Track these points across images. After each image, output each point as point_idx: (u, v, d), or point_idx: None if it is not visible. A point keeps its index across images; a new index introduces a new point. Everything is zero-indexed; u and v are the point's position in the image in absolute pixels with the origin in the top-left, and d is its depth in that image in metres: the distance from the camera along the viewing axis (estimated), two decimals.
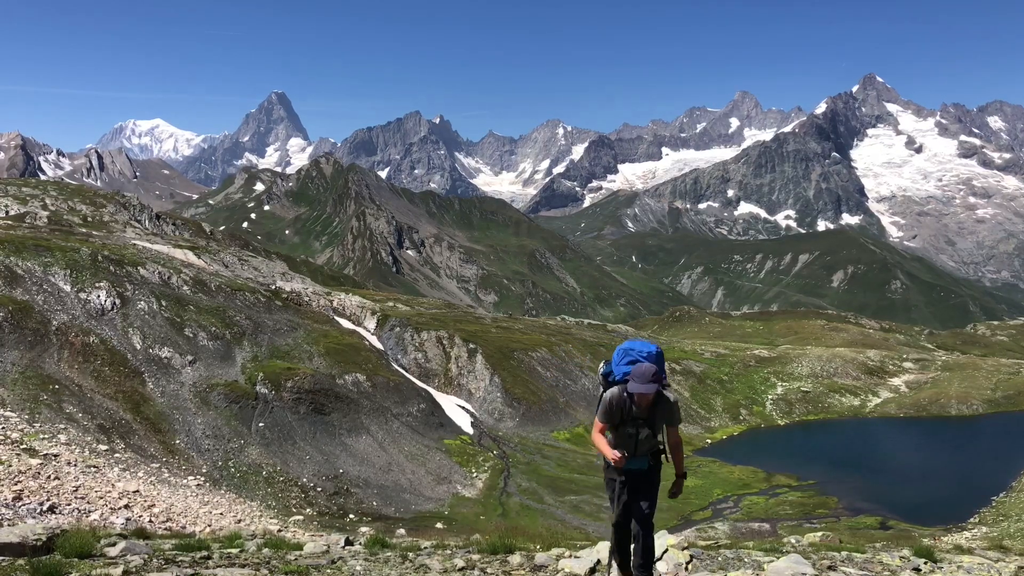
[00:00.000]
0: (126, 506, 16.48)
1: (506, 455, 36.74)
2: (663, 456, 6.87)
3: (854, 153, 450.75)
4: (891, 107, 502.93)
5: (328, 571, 6.75)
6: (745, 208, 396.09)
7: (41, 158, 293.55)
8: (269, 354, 35.87)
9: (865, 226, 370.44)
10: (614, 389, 6.65)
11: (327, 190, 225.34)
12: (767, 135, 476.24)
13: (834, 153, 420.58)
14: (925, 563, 8.18)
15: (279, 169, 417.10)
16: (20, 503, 14.18)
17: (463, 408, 42.85)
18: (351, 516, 25.99)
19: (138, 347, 31.02)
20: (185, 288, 38.34)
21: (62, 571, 5.80)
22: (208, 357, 32.98)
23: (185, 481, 23.04)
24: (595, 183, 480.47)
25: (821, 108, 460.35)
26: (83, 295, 32.17)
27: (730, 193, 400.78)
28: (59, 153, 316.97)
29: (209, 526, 17.20)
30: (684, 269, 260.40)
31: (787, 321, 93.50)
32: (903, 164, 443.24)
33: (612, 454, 6.51)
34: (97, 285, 33.01)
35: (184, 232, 71.44)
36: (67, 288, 32.24)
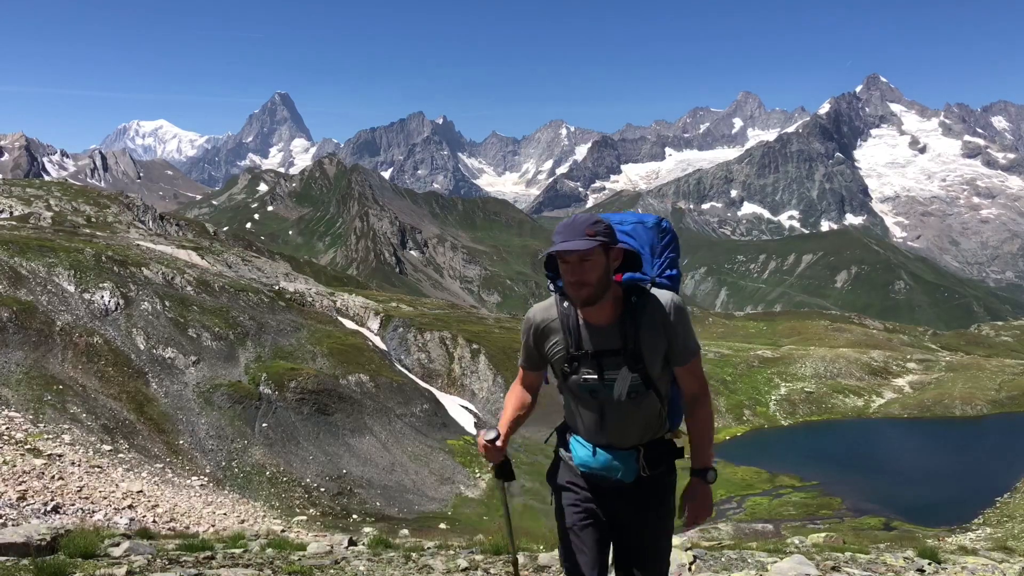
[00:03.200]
0: (130, 506, 16.51)
1: (509, 456, 36.71)
2: (674, 450, 3.31)
3: (858, 153, 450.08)
4: (895, 107, 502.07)
5: (331, 571, 6.76)
6: (748, 208, 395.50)
7: (45, 159, 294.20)
8: (272, 354, 35.90)
9: (869, 226, 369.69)
10: (548, 299, 3.32)
11: (330, 191, 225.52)
12: (770, 135, 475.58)
13: (837, 153, 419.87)
14: (929, 564, 8.17)
15: (282, 170, 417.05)
16: (24, 503, 14.22)
17: (466, 408, 42.87)
18: (354, 516, 26.01)
19: (142, 348, 31.07)
20: (189, 289, 38.40)
21: (66, 571, 5.82)
22: (211, 357, 33.02)
23: (189, 481, 23.08)
24: (598, 183, 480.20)
25: (824, 108, 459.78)
26: (87, 296, 32.24)
27: (733, 193, 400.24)
28: (63, 154, 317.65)
29: (213, 526, 17.22)
30: (687, 269, 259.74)
31: (791, 321, 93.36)
32: (907, 164, 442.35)
33: (480, 440, 3.41)
34: (101, 286, 33.07)
35: (188, 233, 71.54)
36: (71, 289, 32.30)
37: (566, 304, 3.12)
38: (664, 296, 3.06)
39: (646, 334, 3.04)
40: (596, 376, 3.10)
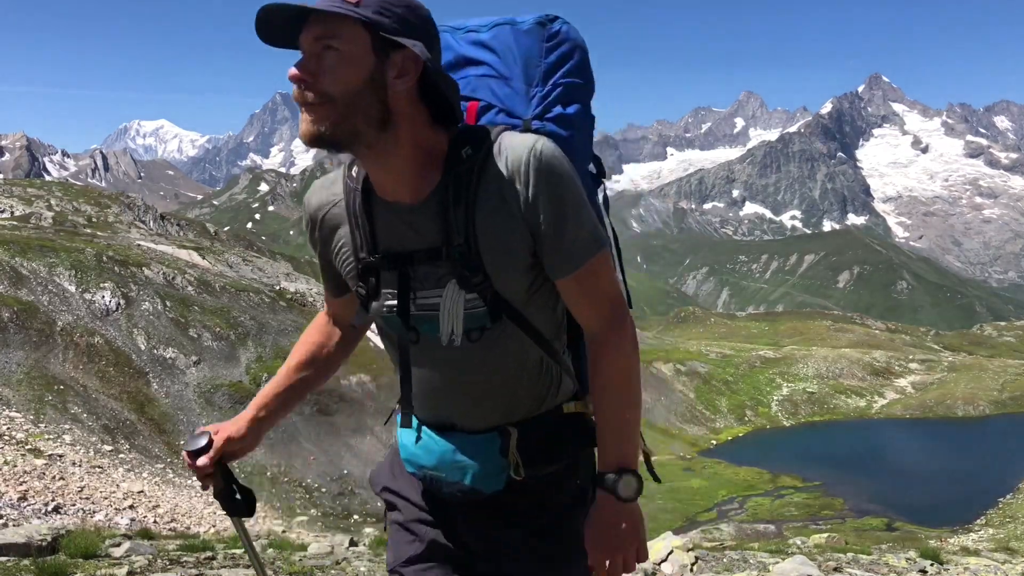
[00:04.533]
0: (131, 506, 16.52)
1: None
2: (583, 429, 1.66)
3: (860, 153, 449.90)
4: (897, 107, 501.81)
5: (332, 572, 6.75)
6: (750, 208, 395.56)
7: (46, 159, 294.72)
8: (273, 355, 35.92)
9: (871, 226, 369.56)
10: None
11: None
12: (772, 135, 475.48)
13: (840, 153, 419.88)
14: (931, 564, 8.14)
15: (283, 169, 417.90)
16: (25, 503, 14.22)
17: None
18: (355, 517, 26.05)
19: (143, 348, 31.11)
20: (190, 288, 38.44)
21: (67, 571, 5.81)
22: (212, 358, 33.05)
23: (190, 482, 23.07)
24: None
25: (827, 108, 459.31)
26: (88, 296, 32.27)
27: (735, 193, 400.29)
28: (64, 154, 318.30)
29: (213, 527, 17.22)
30: (689, 269, 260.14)
31: (793, 322, 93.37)
32: (909, 164, 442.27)
33: (184, 456, 1.99)
34: (102, 286, 33.11)
35: (188, 233, 71.58)
36: (72, 288, 32.35)
37: (355, 171, 1.60)
38: (520, 145, 1.45)
39: (490, 219, 1.47)
40: (402, 302, 1.57)
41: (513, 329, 1.54)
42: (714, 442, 47.49)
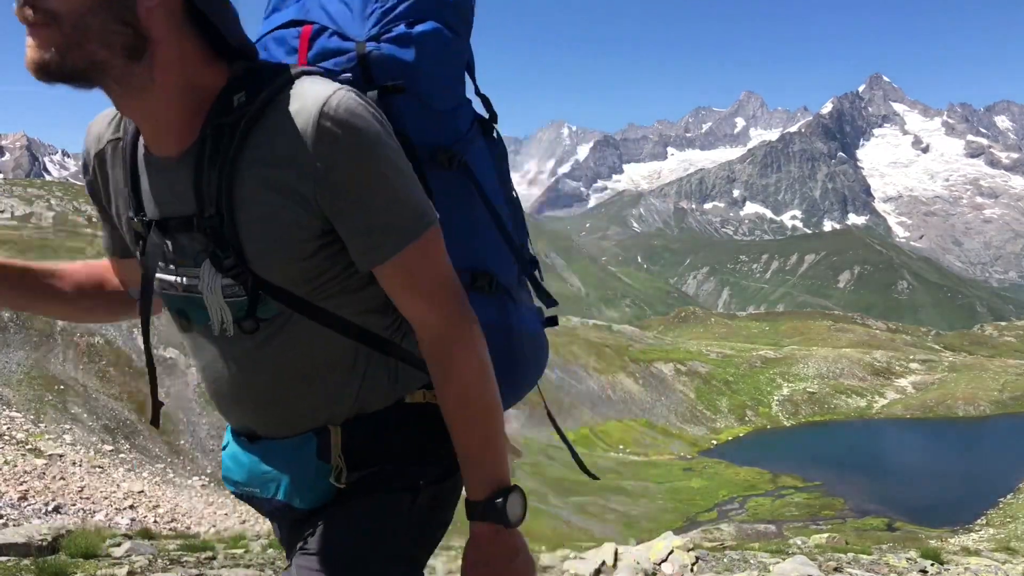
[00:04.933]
0: (131, 506, 16.54)
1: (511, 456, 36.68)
2: (421, 422, 1.28)
3: (860, 153, 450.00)
4: (897, 107, 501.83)
5: None
6: (751, 208, 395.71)
7: (46, 159, 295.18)
8: None
9: (871, 226, 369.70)
10: None
11: None
12: (773, 135, 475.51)
13: (840, 153, 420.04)
14: (932, 564, 8.14)
15: None
16: (26, 503, 14.23)
17: None
18: None
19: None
20: None
21: (67, 571, 5.81)
22: None
23: (190, 482, 23.10)
24: (600, 183, 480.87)
25: (827, 108, 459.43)
26: None
27: (736, 193, 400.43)
28: (64, 154, 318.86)
29: (214, 526, 17.24)
30: (690, 269, 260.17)
31: (793, 322, 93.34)
32: (909, 164, 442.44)
33: None
34: None
35: None
36: None
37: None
38: (311, 97, 1.08)
39: (255, 190, 1.12)
40: (172, 277, 1.25)
41: (300, 318, 1.20)
42: (714, 442, 47.53)
